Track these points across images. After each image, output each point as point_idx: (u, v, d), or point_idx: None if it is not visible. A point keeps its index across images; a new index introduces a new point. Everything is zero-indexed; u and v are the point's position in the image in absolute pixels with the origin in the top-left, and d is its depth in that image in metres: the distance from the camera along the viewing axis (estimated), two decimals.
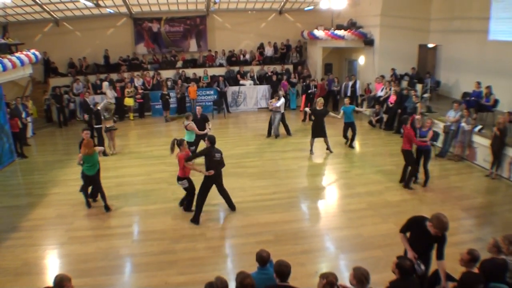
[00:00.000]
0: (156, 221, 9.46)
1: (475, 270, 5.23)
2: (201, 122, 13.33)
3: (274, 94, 16.88)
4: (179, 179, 9.52)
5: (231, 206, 9.90)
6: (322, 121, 13.86)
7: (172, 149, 9.67)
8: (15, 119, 14.87)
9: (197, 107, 14.16)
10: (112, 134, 14.47)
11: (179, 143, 9.50)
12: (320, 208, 10.32)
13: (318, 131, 13.94)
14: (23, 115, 16.11)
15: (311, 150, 14.19)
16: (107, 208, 10.16)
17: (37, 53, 15.79)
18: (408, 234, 6.14)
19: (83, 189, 10.38)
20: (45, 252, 8.43)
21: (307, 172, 12.84)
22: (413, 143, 10.89)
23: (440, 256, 5.73)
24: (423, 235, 5.78)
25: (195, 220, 9.32)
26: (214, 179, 9.35)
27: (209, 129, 13.29)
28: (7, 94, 15.99)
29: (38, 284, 7.00)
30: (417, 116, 11.68)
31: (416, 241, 5.95)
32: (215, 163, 9.22)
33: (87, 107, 17.47)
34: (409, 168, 11.14)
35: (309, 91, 19.32)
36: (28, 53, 15.07)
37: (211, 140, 9.29)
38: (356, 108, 14.83)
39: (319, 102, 14.11)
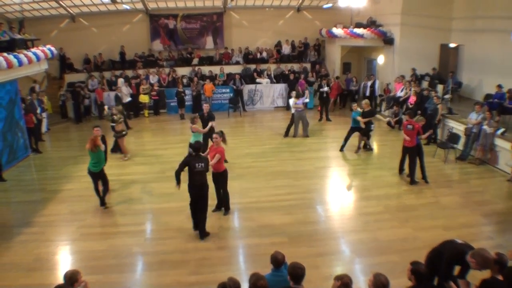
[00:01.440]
0: (169, 220, 9.50)
1: (499, 277, 5.10)
2: (207, 121, 13.05)
3: (295, 93, 16.62)
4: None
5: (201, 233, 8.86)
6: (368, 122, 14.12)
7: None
8: (30, 114, 15.06)
9: (205, 105, 13.80)
10: (122, 140, 13.89)
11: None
12: (336, 210, 10.26)
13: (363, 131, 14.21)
14: (38, 110, 16.33)
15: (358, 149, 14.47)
16: (103, 203, 10.26)
17: (52, 48, 15.94)
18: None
19: (95, 189, 10.46)
20: (57, 248, 8.54)
21: (324, 173, 12.79)
22: (419, 136, 11.45)
23: (463, 276, 5.50)
24: (457, 262, 5.52)
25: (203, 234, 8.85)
26: (195, 192, 8.66)
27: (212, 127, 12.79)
28: (22, 89, 16.17)
29: (49, 279, 7.09)
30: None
31: (447, 264, 5.60)
32: (195, 175, 8.47)
33: (120, 102, 17.79)
34: (408, 163, 11.63)
35: (321, 90, 19.24)
36: (44, 48, 15.22)
37: (194, 147, 8.67)
38: (358, 118, 14.09)
39: (365, 103, 14.21)
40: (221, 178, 9.56)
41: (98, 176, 10.25)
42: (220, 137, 9.50)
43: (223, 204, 9.88)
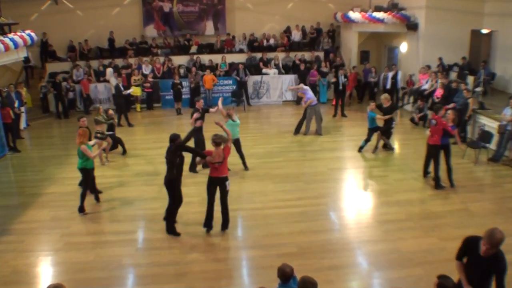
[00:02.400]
0: (164, 227, 9.47)
1: None
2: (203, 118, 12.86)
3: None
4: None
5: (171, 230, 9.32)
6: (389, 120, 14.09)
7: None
8: (6, 108, 15.04)
9: (200, 100, 13.31)
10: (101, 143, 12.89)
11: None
12: (351, 217, 10.26)
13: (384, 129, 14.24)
14: (16, 104, 16.34)
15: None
16: (81, 209, 10.30)
17: (33, 34, 15.99)
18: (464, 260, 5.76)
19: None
20: (38, 259, 8.55)
21: (338, 176, 12.80)
22: (450, 134, 11.21)
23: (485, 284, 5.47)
24: (478, 259, 5.45)
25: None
26: None
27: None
28: None
29: None
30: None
31: (470, 268, 5.60)
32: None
33: (119, 93, 17.84)
34: (432, 164, 11.51)
35: (333, 81, 19.25)
36: (23, 34, 15.27)
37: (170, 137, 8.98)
38: (378, 116, 14.19)
39: (384, 98, 14.24)
40: (223, 186, 9.20)
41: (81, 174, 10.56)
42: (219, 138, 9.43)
43: (224, 220, 9.44)
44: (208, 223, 9.28)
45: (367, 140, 14.28)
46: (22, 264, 8.30)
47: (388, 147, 14.54)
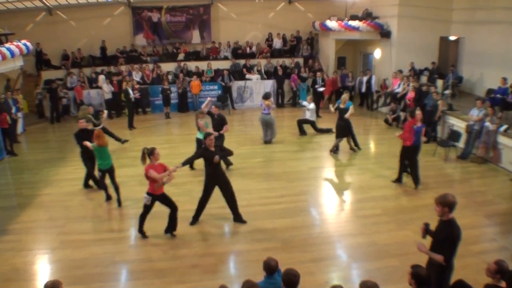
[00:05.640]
0: (155, 225, 9.39)
1: (502, 284, 5.12)
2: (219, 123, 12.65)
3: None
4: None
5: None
6: (346, 120, 13.81)
7: (143, 160, 8.82)
8: (4, 114, 14.86)
9: (213, 106, 13.08)
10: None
11: (149, 152, 8.67)
12: (331, 213, 10.31)
13: (343, 131, 14.02)
14: (13, 110, 16.16)
15: (335, 149, 14.30)
16: (116, 202, 10.69)
17: (28, 44, 15.86)
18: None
19: (101, 184, 10.90)
20: (35, 257, 8.46)
21: (318, 174, 12.81)
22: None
23: (441, 254, 5.59)
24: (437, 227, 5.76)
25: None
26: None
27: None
28: None
29: None
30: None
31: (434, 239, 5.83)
32: None
33: (128, 97, 17.74)
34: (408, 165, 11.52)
35: (315, 86, 19.30)
36: (19, 44, 15.14)
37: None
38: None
39: (344, 100, 14.06)
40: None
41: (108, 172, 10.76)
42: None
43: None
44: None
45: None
46: (20, 262, 8.21)
47: (352, 148, 14.48)
